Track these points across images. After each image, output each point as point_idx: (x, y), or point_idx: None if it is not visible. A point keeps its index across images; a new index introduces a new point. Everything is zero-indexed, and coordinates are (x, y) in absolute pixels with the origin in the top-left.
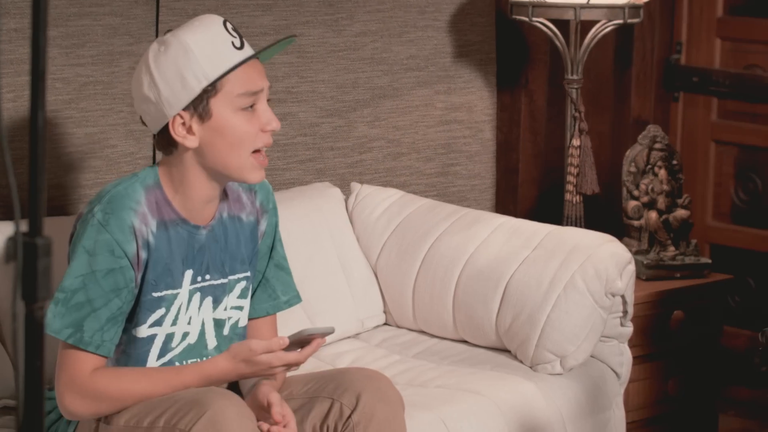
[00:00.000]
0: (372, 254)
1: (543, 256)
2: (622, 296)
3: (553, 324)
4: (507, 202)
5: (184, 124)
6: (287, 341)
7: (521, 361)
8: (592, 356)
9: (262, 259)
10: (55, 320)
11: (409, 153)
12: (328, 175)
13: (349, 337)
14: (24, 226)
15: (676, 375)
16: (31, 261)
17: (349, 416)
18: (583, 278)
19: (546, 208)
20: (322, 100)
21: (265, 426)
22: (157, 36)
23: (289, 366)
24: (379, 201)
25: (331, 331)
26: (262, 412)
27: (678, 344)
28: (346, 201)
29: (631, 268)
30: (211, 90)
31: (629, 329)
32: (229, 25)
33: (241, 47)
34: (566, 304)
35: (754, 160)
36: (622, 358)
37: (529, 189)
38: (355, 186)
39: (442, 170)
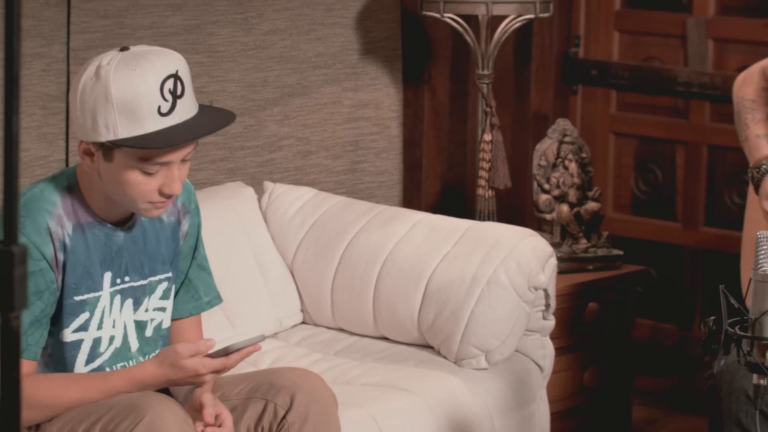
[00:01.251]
0: (288, 253)
1: (464, 252)
2: (545, 290)
3: (478, 319)
4: (412, 198)
5: (88, 150)
6: (214, 342)
7: (445, 357)
8: (515, 350)
9: (185, 259)
10: None
11: (318, 151)
12: (239, 174)
13: (268, 337)
14: None
15: (592, 366)
16: (7, 269)
17: (284, 416)
18: (506, 273)
19: (450, 204)
20: (233, 99)
21: (199, 427)
22: (68, 39)
23: (217, 373)
24: (293, 200)
25: (260, 340)
26: (198, 414)
27: (593, 336)
28: (259, 200)
29: (553, 261)
30: (117, 142)
31: (551, 322)
32: (169, 84)
33: (168, 113)
34: (490, 299)
35: (654, 152)
36: (545, 351)
37: (433, 184)
38: (268, 185)
39: (350, 167)
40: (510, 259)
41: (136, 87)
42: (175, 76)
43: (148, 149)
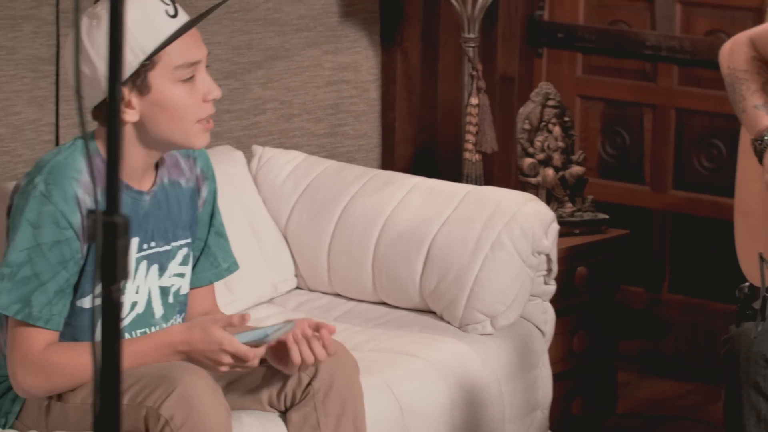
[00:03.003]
0: (281, 218)
1: (465, 216)
2: (547, 255)
3: (482, 284)
4: (386, 161)
5: (122, 98)
6: (249, 316)
7: (448, 322)
8: (520, 315)
9: (203, 227)
10: (1, 296)
11: (300, 114)
12: (225, 138)
13: (264, 303)
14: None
15: (580, 330)
16: (111, 240)
17: (309, 384)
18: (509, 237)
19: (422, 167)
20: (218, 62)
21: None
22: (57, 0)
23: (236, 358)
24: (283, 164)
25: (290, 328)
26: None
27: (581, 300)
28: (248, 164)
29: (555, 226)
30: (148, 63)
31: (553, 287)
32: None
33: (175, 15)
34: (494, 263)
35: (621, 115)
36: (547, 317)
37: (405, 147)
38: (257, 149)
39: (331, 131)
40: (513, 223)
41: (139, 2)
42: None
43: (179, 37)
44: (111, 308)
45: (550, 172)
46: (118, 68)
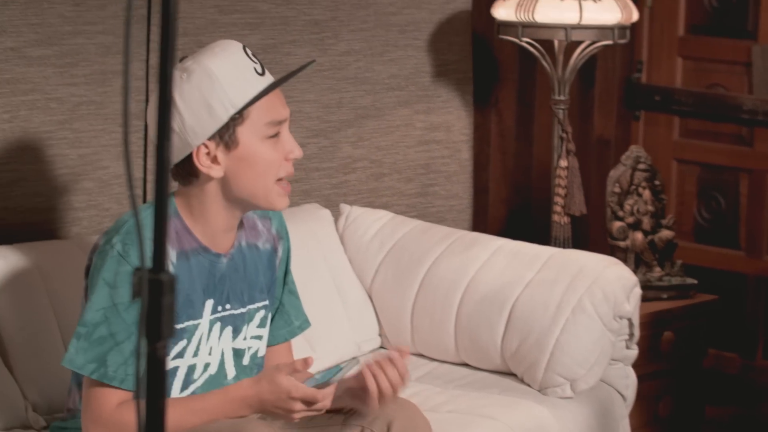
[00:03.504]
0: (366, 277)
1: (548, 279)
2: (629, 319)
3: (563, 347)
4: (479, 222)
5: (208, 153)
6: (312, 360)
7: (528, 385)
8: (600, 379)
9: (279, 285)
10: (77, 355)
11: (390, 173)
12: (314, 196)
13: (346, 361)
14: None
15: (666, 395)
16: (157, 298)
17: None
18: (591, 301)
19: (515, 228)
20: (308, 120)
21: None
22: (148, 56)
23: (307, 402)
24: (370, 223)
25: (355, 365)
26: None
27: (668, 365)
28: (335, 223)
29: (638, 291)
30: (237, 118)
31: (635, 352)
32: (248, 51)
33: (263, 73)
34: (575, 327)
35: (717, 179)
36: (628, 381)
37: (499, 209)
38: (345, 207)
39: (421, 190)
40: (595, 287)
41: (229, 58)
42: (245, 48)
43: (270, 92)
44: (156, 365)
45: (639, 235)
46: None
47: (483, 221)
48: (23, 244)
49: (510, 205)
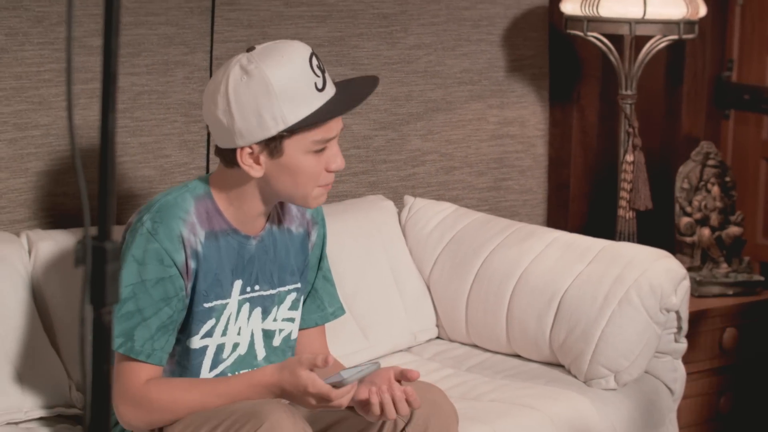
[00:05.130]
0: (425, 268)
1: (597, 272)
2: (677, 312)
3: (608, 339)
4: (558, 218)
5: (252, 154)
6: (331, 358)
7: (575, 376)
8: (645, 372)
9: (312, 270)
10: None
11: (461, 167)
12: (380, 188)
13: (401, 351)
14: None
15: (728, 392)
16: (100, 265)
17: (403, 429)
18: (638, 293)
19: (597, 224)
20: (376, 112)
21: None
22: (212, 47)
23: (323, 401)
24: (432, 214)
25: (375, 368)
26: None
27: (730, 361)
28: (399, 214)
29: (686, 284)
30: (286, 133)
31: (683, 345)
32: (314, 61)
33: (323, 88)
34: (621, 319)
35: None
36: (676, 374)
37: (580, 204)
38: (408, 199)
39: (494, 185)
40: (642, 279)
41: (292, 71)
42: (313, 54)
43: (325, 122)
44: (101, 331)
45: (706, 231)
46: (111, 94)
47: (563, 216)
48: (76, 229)
49: (592, 201)
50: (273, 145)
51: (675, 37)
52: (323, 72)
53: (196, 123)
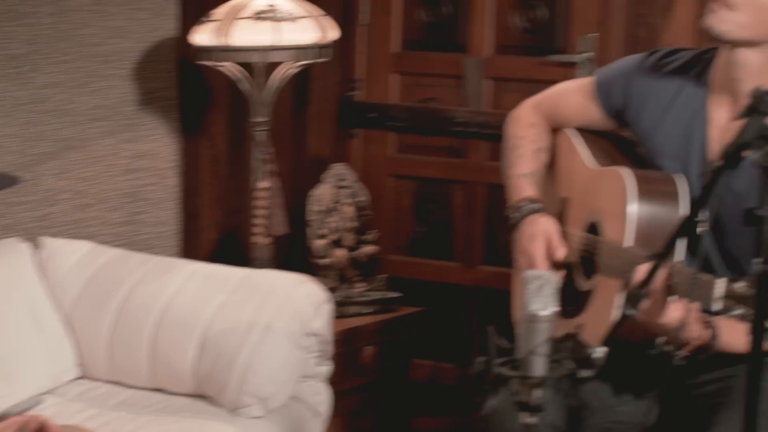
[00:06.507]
0: (65, 307)
1: (239, 301)
2: (321, 335)
3: (253, 367)
4: (192, 248)
5: None
6: None
7: (222, 406)
8: (291, 397)
9: None
10: None
11: (95, 203)
12: (16, 230)
13: (43, 393)
14: None
15: (369, 409)
16: None
17: None
18: (281, 320)
19: (232, 252)
20: (8, 154)
21: None
22: None
23: None
24: (69, 253)
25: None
26: None
27: (370, 379)
28: (36, 256)
29: (328, 307)
30: None
31: (327, 368)
32: None
33: None
34: (265, 346)
35: (432, 193)
36: (322, 397)
37: (212, 233)
38: (44, 240)
39: (128, 219)
40: (285, 306)
41: None
42: None
43: None
44: None
45: (340, 252)
46: None
47: (194, 246)
48: None
49: (224, 229)
50: None
51: (309, 61)
52: None
53: None
